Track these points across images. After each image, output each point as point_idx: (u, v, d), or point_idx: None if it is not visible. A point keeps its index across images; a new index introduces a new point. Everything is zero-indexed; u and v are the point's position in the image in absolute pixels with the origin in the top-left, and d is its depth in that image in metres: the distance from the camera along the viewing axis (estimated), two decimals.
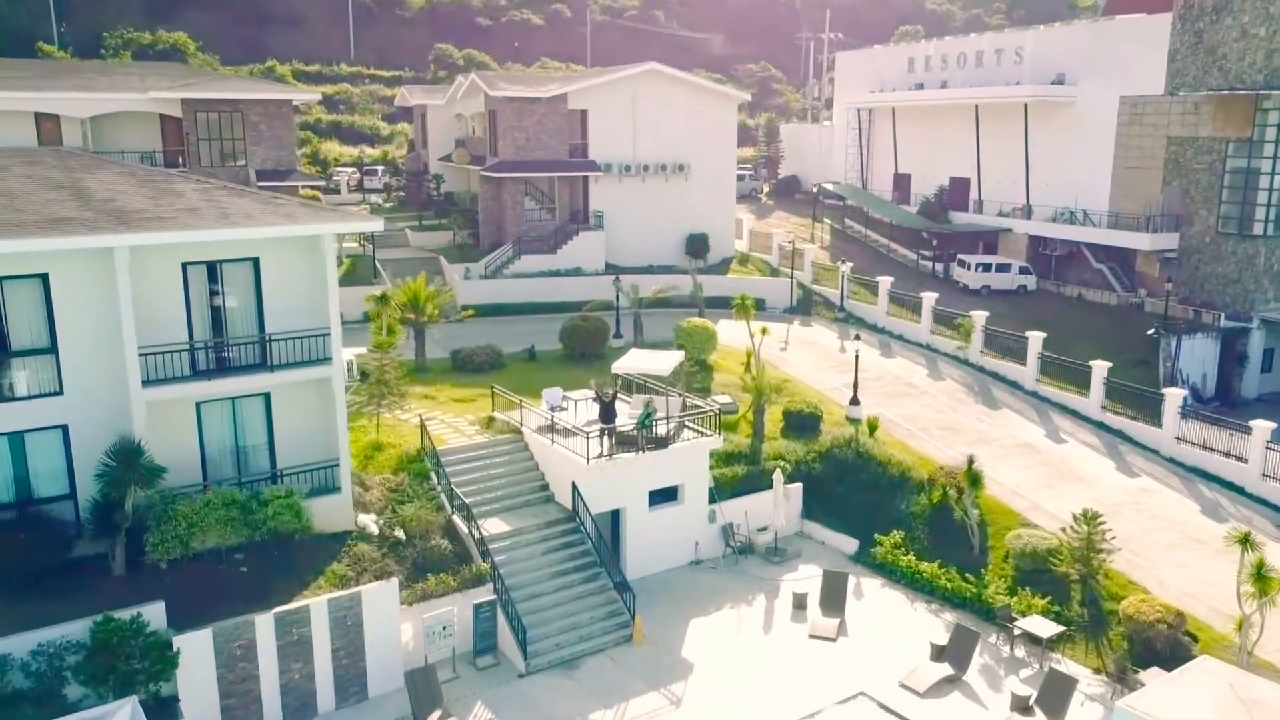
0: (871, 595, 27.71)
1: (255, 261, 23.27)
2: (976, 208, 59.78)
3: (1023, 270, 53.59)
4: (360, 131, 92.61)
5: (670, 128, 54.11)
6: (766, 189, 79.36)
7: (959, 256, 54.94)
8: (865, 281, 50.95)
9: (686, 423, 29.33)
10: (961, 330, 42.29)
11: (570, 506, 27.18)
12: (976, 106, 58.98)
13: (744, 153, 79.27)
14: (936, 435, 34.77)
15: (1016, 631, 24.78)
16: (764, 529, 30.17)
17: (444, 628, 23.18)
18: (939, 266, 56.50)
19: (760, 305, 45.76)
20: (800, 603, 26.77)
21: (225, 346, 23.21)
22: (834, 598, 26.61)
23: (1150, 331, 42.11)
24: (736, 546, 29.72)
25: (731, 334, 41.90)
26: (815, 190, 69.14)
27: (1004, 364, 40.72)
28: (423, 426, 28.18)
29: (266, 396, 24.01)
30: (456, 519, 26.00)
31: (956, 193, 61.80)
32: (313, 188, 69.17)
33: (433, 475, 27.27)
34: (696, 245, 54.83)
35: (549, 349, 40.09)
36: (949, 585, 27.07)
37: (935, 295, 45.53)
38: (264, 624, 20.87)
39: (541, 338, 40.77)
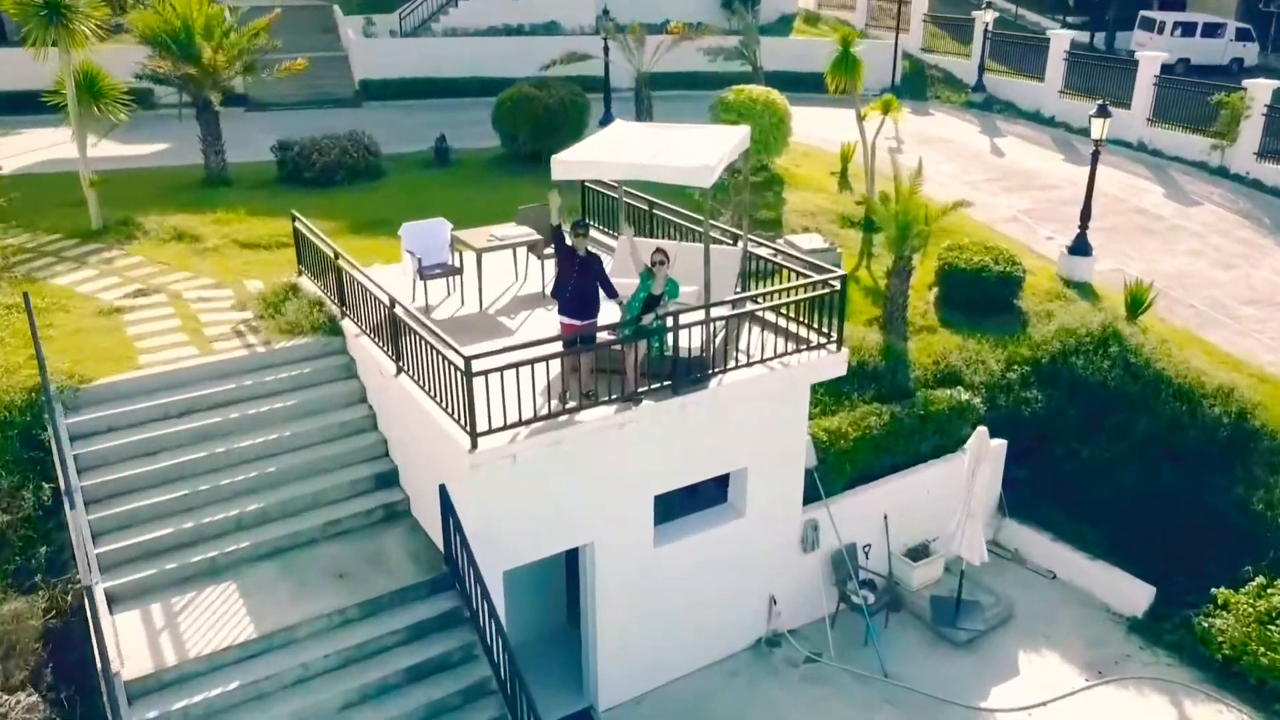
0: None
1: None
2: None
3: (1240, 35, 34.65)
4: None
5: None
6: None
7: (1143, 14, 35.68)
8: (1013, 40, 31.92)
9: (760, 312, 11.62)
10: (1225, 116, 23.61)
11: (443, 540, 9.99)
12: None
13: None
14: (1243, 318, 17.09)
15: None
16: (925, 550, 13.05)
17: None
18: (1098, 37, 37.54)
19: None
20: None
21: None
22: None
23: None
24: (867, 603, 12.45)
25: (804, 125, 23.31)
26: None
27: None
28: (32, 323, 10.10)
29: None
30: (99, 599, 8.83)
31: None
32: None
33: (56, 465, 9.92)
34: None
35: (482, 148, 22.03)
36: None
37: (1162, 56, 26.41)
38: None
39: (478, 131, 22.55)
